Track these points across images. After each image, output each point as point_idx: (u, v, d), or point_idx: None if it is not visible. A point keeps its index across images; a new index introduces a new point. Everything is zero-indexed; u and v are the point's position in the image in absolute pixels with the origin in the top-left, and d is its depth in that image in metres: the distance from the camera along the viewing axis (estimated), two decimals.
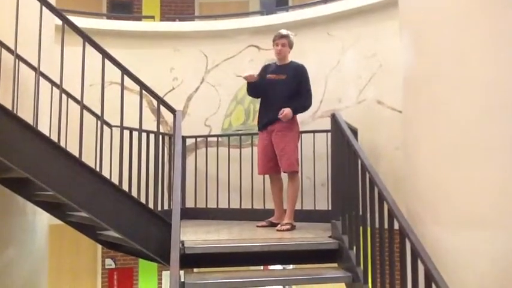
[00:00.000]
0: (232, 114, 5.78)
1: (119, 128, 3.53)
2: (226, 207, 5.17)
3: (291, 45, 4.37)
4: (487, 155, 2.96)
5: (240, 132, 5.53)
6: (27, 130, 3.07)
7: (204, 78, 5.86)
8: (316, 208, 4.79)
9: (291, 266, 4.32)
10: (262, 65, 4.53)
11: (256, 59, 5.49)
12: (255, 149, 4.67)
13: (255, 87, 4.37)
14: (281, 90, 4.23)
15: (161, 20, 8.62)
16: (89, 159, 3.29)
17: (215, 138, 5.49)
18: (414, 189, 3.35)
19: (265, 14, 6.52)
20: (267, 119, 4.29)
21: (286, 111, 4.11)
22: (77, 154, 3.21)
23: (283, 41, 4.32)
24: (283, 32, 4.36)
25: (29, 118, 3.17)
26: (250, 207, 5.07)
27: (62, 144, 3.25)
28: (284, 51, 4.34)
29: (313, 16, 5.51)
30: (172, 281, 2.31)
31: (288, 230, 3.99)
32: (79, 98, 3.43)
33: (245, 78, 4.28)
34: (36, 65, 3.32)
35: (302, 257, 3.41)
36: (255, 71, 4.35)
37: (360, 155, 3.12)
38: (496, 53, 2.98)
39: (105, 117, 3.53)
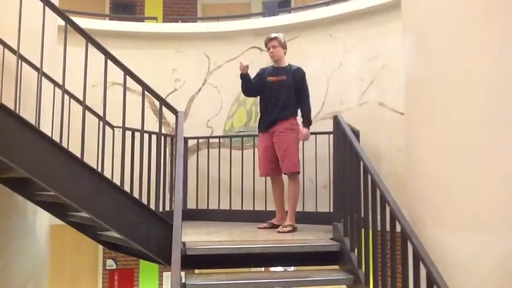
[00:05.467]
0: (234, 115, 5.78)
1: (121, 129, 3.53)
2: (228, 208, 5.17)
3: (283, 46, 4.36)
4: (489, 157, 2.95)
5: (241, 133, 5.53)
6: (29, 130, 3.07)
7: (206, 80, 5.86)
8: (318, 210, 4.79)
9: (292, 268, 4.31)
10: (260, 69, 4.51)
11: (258, 60, 5.46)
12: (257, 150, 4.67)
13: (245, 84, 4.34)
14: (282, 92, 4.25)
15: (164, 21, 8.63)
16: (90, 159, 3.29)
17: (217, 140, 5.49)
18: (416, 191, 3.34)
19: (268, 15, 6.51)
20: (268, 121, 4.29)
21: (305, 132, 4.21)
22: (78, 154, 3.21)
23: (273, 43, 4.33)
24: (272, 35, 4.38)
25: (31, 118, 3.17)
26: (251, 208, 5.06)
27: (64, 144, 3.25)
28: (277, 52, 4.34)
29: (316, 18, 5.51)
30: (174, 282, 2.31)
31: (289, 231, 3.98)
32: (81, 99, 3.43)
33: (241, 67, 4.24)
34: (39, 65, 3.32)
35: (303, 259, 3.41)
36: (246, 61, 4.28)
37: (362, 157, 3.11)
38: (498, 55, 2.97)
39: (107, 118, 3.53)
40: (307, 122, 4.27)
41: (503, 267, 2.82)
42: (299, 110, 4.33)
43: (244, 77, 4.30)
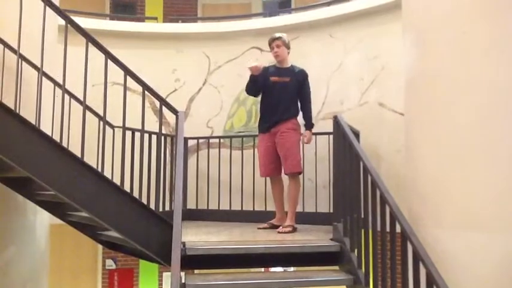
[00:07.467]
0: (235, 115, 5.78)
1: (121, 129, 3.53)
2: (228, 208, 5.17)
3: (287, 46, 4.35)
4: (489, 158, 2.95)
5: (242, 133, 5.53)
6: (30, 129, 3.07)
7: (207, 80, 5.86)
8: (318, 210, 4.79)
9: (292, 268, 4.31)
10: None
11: (259, 60, 5.48)
12: (257, 150, 4.67)
13: (254, 86, 4.32)
14: (286, 93, 4.25)
15: (164, 21, 8.63)
16: (90, 159, 3.28)
17: (217, 140, 5.49)
18: (416, 191, 3.34)
19: (268, 16, 6.53)
20: (270, 122, 4.29)
21: (309, 136, 4.29)
22: (79, 154, 3.21)
23: (277, 43, 4.32)
24: (276, 34, 4.36)
25: (31, 118, 3.17)
26: (251, 209, 5.07)
27: (64, 144, 3.25)
28: (281, 51, 4.32)
29: (316, 18, 5.52)
30: (173, 282, 2.31)
31: (289, 232, 3.98)
32: (82, 98, 3.43)
33: (250, 69, 4.21)
34: (39, 65, 3.32)
35: (303, 259, 3.41)
36: (258, 62, 4.29)
37: (362, 157, 3.11)
38: (498, 55, 2.98)
39: (108, 118, 3.53)
40: (310, 125, 4.32)
41: (503, 267, 2.82)
42: (300, 110, 4.34)
43: (255, 78, 4.28)
